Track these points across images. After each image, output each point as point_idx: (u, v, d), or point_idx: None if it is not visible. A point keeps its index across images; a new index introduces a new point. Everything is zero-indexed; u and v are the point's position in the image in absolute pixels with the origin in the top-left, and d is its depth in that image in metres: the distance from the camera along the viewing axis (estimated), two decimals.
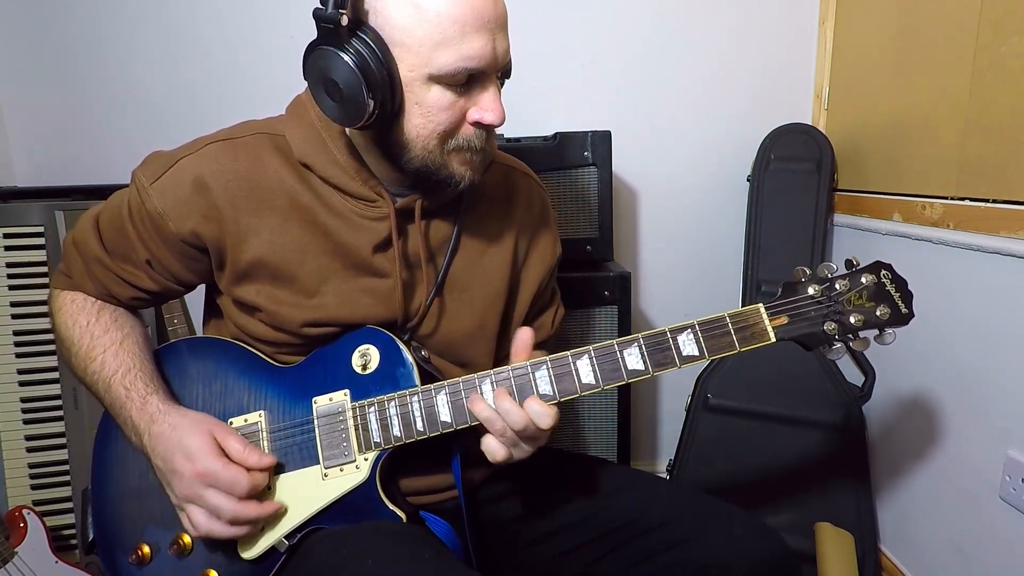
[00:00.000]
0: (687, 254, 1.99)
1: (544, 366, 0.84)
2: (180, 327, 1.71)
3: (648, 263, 2.00)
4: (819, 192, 1.74)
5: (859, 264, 0.84)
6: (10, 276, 1.64)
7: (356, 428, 0.88)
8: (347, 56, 0.75)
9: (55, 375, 1.67)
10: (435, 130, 0.81)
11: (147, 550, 0.91)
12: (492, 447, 0.83)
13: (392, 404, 0.87)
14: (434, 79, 0.78)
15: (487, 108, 0.81)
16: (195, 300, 1.06)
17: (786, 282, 0.85)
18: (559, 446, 1.67)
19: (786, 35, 1.86)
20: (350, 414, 0.89)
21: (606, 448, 1.68)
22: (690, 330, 0.82)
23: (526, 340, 0.88)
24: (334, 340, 0.93)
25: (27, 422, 1.67)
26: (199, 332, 1.08)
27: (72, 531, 1.69)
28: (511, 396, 0.83)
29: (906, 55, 1.52)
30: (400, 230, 0.91)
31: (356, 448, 0.88)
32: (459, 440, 0.93)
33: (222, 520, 0.82)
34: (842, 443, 1.64)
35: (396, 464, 0.92)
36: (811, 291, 0.83)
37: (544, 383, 0.84)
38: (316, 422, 0.90)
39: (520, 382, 0.84)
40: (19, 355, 1.66)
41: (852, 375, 1.70)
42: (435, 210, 0.94)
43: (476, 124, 0.82)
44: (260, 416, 0.91)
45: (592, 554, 0.95)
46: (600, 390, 0.84)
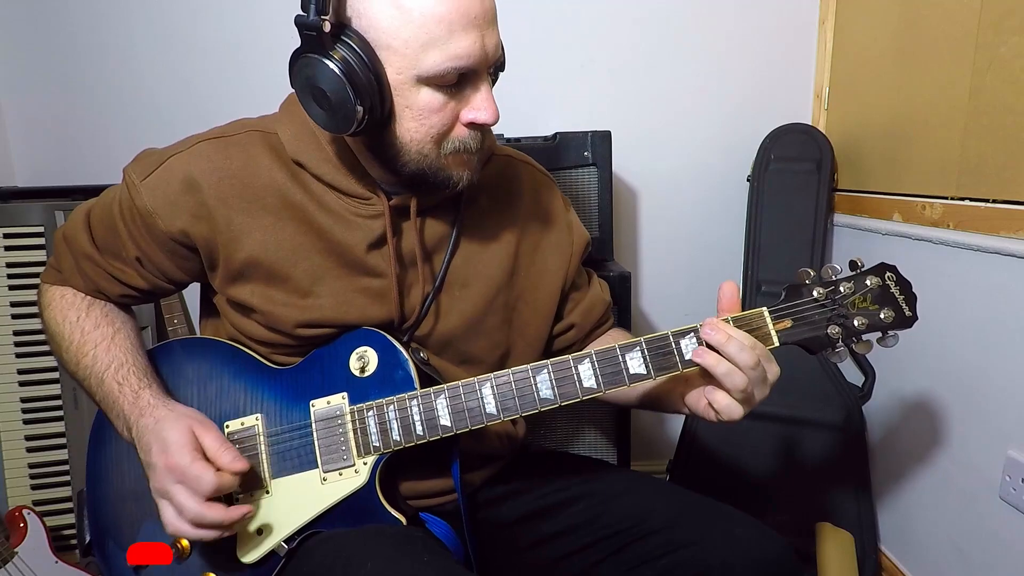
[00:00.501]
0: (687, 254, 1.99)
1: (545, 370, 0.83)
2: (180, 327, 1.71)
3: (648, 263, 2.00)
4: (819, 192, 1.74)
5: (863, 265, 0.83)
6: (10, 276, 1.64)
7: (355, 432, 0.88)
8: (332, 63, 0.74)
9: (55, 375, 1.67)
10: (428, 133, 0.79)
11: None
12: (724, 404, 0.80)
13: (391, 408, 0.86)
14: (423, 81, 0.76)
15: (480, 107, 0.80)
16: (195, 299, 1.06)
17: (790, 284, 0.84)
18: (558, 447, 1.68)
19: (786, 35, 1.86)
20: (348, 418, 0.88)
21: (606, 448, 1.67)
22: (692, 334, 0.82)
23: (731, 295, 0.83)
24: (331, 341, 0.92)
25: (27, 422, 1.67)
26: (198, 332, 1.08)
27: (72, 531, 1.69)
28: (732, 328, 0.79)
29: (906, 55, 1.52)
30: (395, 228, 0.90)
31: (355, 452, 0.87)
32: (459, 443, 0.92)
33: (185, 520, 0.78)
34: (842, 443, 1.64)
35: (395, 467, 0.91)
36: (815, 294, 0.82)
37: (545, 387, 0.83)
38: (314, 426, 0.89)
39: (521, 385, 0.83)
40: (19, 355, 1.66)
41: (852, 375, 1.70)
42: (432, 207, 0.93)
43: (470, 125, 0.81)
44: (257, 419, 0.91)
45: (593, 557, 0.94)
46: (602, 394, 0.83)
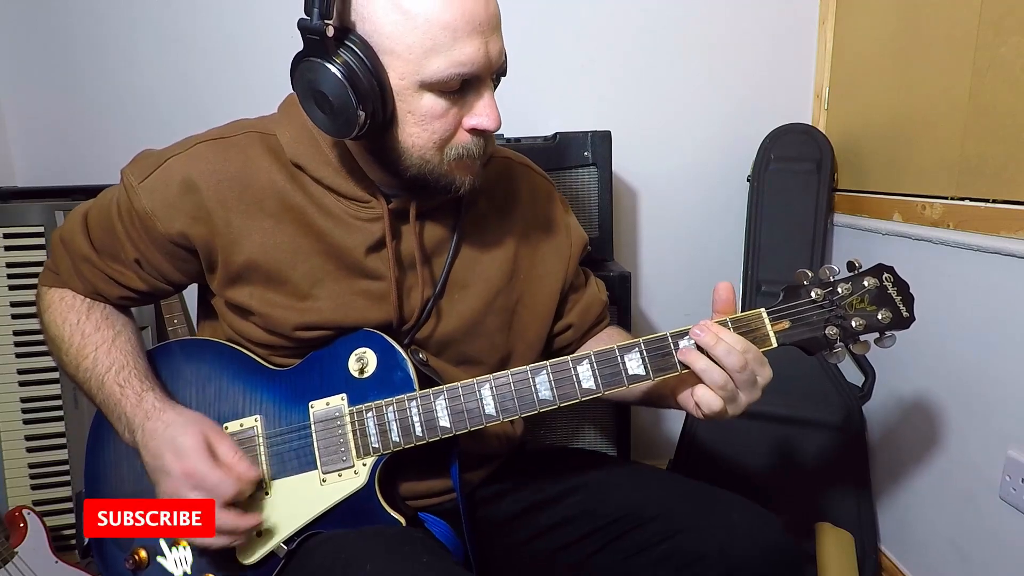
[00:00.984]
0: (687, 254, 1.99)
1: (544, 371, 0.83)
2: (180, 327, 1.70)
3: (648, 263, 2.00)
4: (819, 192, 1.74)
5: (861, 266, 0.84)
6: (10, 276, 1.64)
7: (354, 433, 0.88)
8: (334, 67, 0.73)
9: (55, 375, 1.67)
10: (431, 139, 0.79)
11: (144, 554, 0.90)
12: (707, 399, 0.81)
13: (390, 409, 0.86)
14: (426, 86, 0.76)
15: (482, 114, 0.79)
16: (195, 300, 1.06)
17: (788, 285, 0.84)
18: (556, 443, 1.68)
19: (786, 35, 1.85)
20: (348, 419, 0.88)
21: (606, 447, 1.67)
22: (690, 335, 0.82)
23: (726, 297, 0.84)
24: (330, 343, 0.92)
25: (27, 422, 1.67)
26: (197, 333, 1.07)
27: (72, 531, 1.68)
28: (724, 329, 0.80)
29: (906, 55, 1.52)
30: (394, 231, 0.90)
31: (354, 453, 0.87)
32: (458, 443, 0.92)
33: None
34: (842, 443, 1.64)
35: (394, 467, 0.91)
36: (813, 295, 0.82)
37: (544, 388, 0.83)
38: (313, 427, 0.89)
39: (520, 387, 0.83)
40: (19, 355, 1.66)
41: (852, 375, 1.70)
42: (431, 210, 0.93)
43: (472, 131, 0.80)
44: (256, 421, 0.91)
45: (591, 547, 0.95)
46: (601, 395, 0.83)
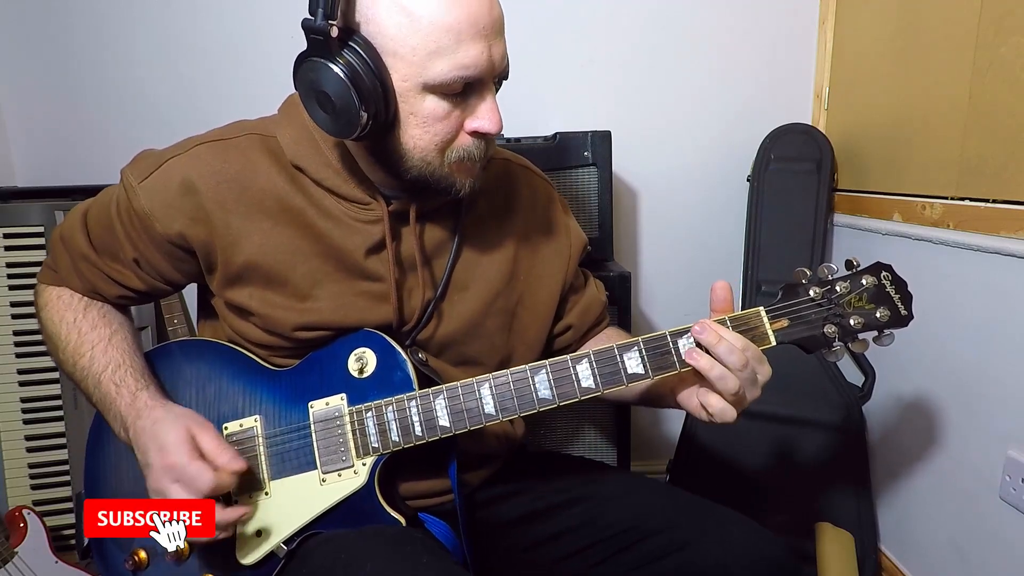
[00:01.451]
0: (687, 254, 1.99)
1: (543, 370, 0.83)
2: (180, 327, 1.70)
3: (648, 263, 2.00)
4: (819, 192, 1.74)
5: (859, 265, 0.84)
6: (10, 276, 1.64)
7: (354, 433, 0.88)
8: (338, 67, 0.73)
9: (55, 375, 1.67)
10: (432, 141, 0.79)
11: (143, 555, 0.90)
12: (716, 406, 0.81)
13: (390, 409, 0.86)
14: (429, 88, 0.76)
15: (484, 117, 0.79)
16: (195, 300, 1.06)
17: (786, 284, 0.84)
18: (558, 447, 1.68)
19: (786, 35, 1.86)
20: (347, 419, 0.88)
21: (606, 448, 1.67)
22: (690, 334, 0.82)
23: (723, 296, 0.84)
24: (330, 343, 0.92)
25: (27, 422, 1.67)
26: (196, 333, 1.07)
27: (72, 531, 1.68)
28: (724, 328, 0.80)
29: (906, 55, 1.52)
30: (394, 233, 0.90)
31: (354, 453, 0.87)
32: (457, 443, 0.92)
33: None
34: (842, 443, 1.64)
35: (394, 467, 0.91)
36: (811, 293, 0.82)
37: (544, 387, 0.83)
38: (313, 427, 0.89)
39: (519, 386, 0.83)
40: (19, 355, 1.66)
41: (852, 375, 1.70)
42: (431, 212, 0.93)
43: (474, 133, 0.80)
44: (256, 421, 0.91)
45: (592, 559, 0.95)
46: (600, 394, 0.83)
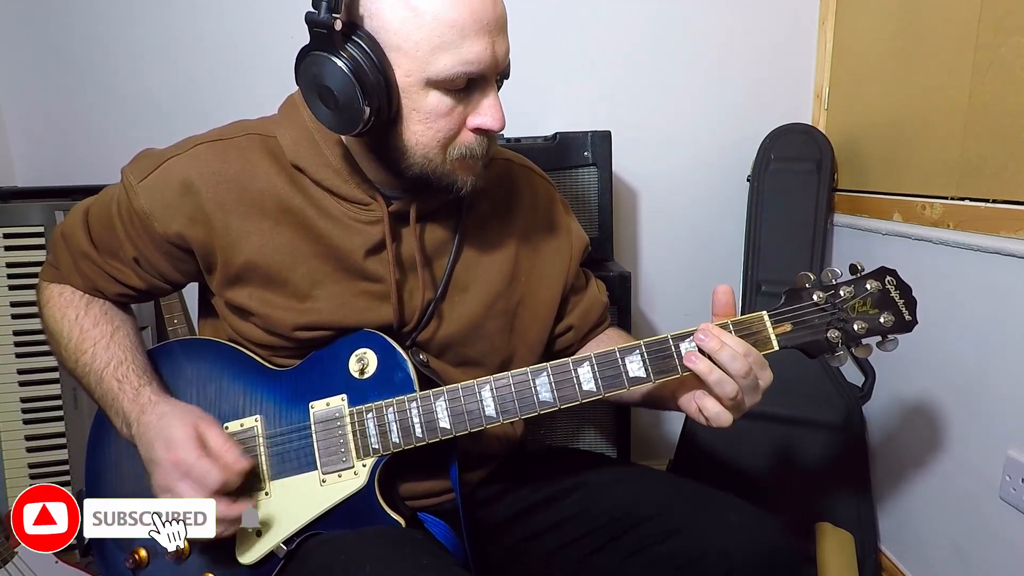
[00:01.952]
0: (687, 254, 1.99)
1: (545, 373, 0.83)
2: (180, 327, 1.70)
3: (648, 263, 2.00)
4: (819, 192, 1.74)
5: (864, 269, 0.83)
6: (10, 276, 1.64)
7: (354, 434, 0.88)
8: (341, 62, 0.73)
9: (55, 375, 1.67)
10: (435, 137, 0.79)
11: (144, 554, 0.90)
12: (714, 411, 0.81)
13: (390, 410, 0.86)
14: (432, 84, 0.76)
15: (487, 113, 0.79)
16: (195, 299, 1.06)
17: (790, 288, 0.84)
18: (556, 443, 1.68)
19: (786, 35, 1.85)
20: (348, 420, 0.88)
21: (606, 448, 1.67)
22: (692, 338, 0.81)
23: (725, 300, 0.84)
24: (331, 343, 0.92)
25: (27, 422, 1.67)
26: (197, 333, 1.08)
27: None
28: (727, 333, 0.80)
29: (906, 55, 1.52)
30: (394, 233, 0.90)
31: (354, 454, 0.87)
32: (457, 444, 0.92)
33: None
34: (842, 443, 1.64)
35: (394, 468, 0.91)
36: (815, 298, 0.82)
37: (545, 390, 0.83)
38: (313, 427, 0.89)
39: (520, 388, 0.83)
40: (19, 355, 1.66)
41: (852, 375, 1.70)
42: (431, 213, 0.93)
43: (476, 130, 0.80)
44: (256, 421, 0.91)
45: (589, 546, 0.94)
46: (601, 397, 0.83)
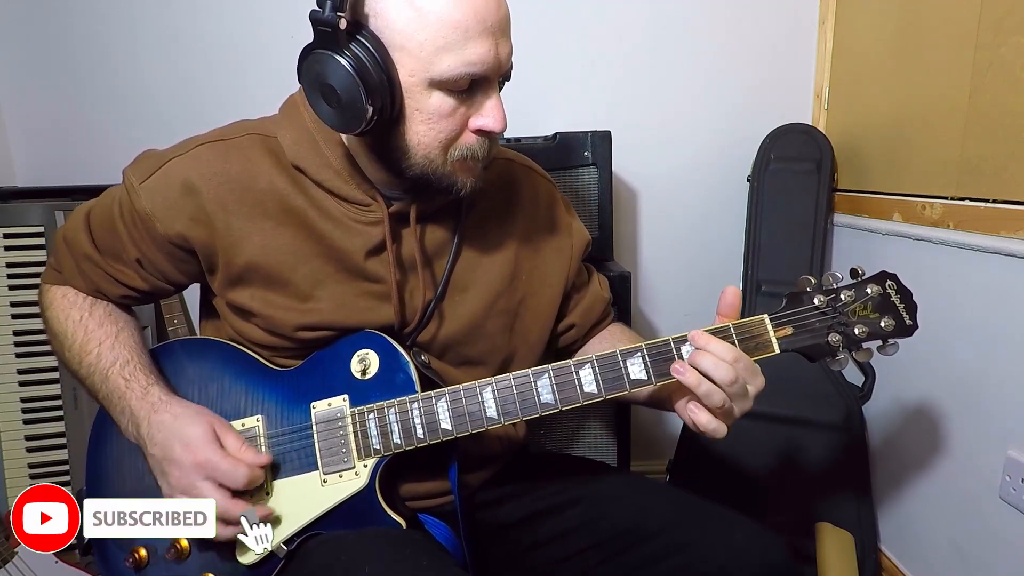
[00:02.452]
0: (687, 254, 1.99)
1: (546, 374, 0.83)
2: (180, 327, 1.70)
3: (648, 263, 2.00)
4: (819, 192, 1.74)
5: (864, 273, 0.83)
6: (10, 276, 1.64)
7: (355, 435, 0.88)
8: (345, 60, 0.73)
9: (55, 375, 1.67)
10: (437, 138, 0.79)
11: (144, 553, 0.90)
12: (702, 420, 0.81)
13: (392, 411, 0.86)
14: (435, 85, 0.76)
15: (489, 115, 0.80)
16: (195, 300, 1.06)
17: (791, 292, 0.84)
18: (559, 447, 1.68)
19: (786, 35, 1.85)
20: (349, 420, 0.88)
21: (606, 447, 1.67)
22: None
23: (732, 301, 0.84)
24: (333, 344, 0.92)
25: (27, 422, 1.67)
26: (198, 333, 1.08)
27: None
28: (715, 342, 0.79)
29: (906, 55, 1.52)
30: (394, 234, 0.90)
31: (355, 454, 0.87)
32: (458, 445, 0.92)
33: None
34: (842, 443, 1.64)
35: (395, 468, 0.91)
36: (816, 301, 0.82)
37: (546, 392, 0.83)
38: (315, 428, 0.89)
39: (522, 389, 0.84)
40: (19, 355, 1.66)
41: (852, 375, 1.70)
42: (432, 213, 0.93)
43: (478, 132, 0.81)
44: (258, 420, 0.91)
45: (592, 559, 0.94)
46: (602, 399, 0.83)
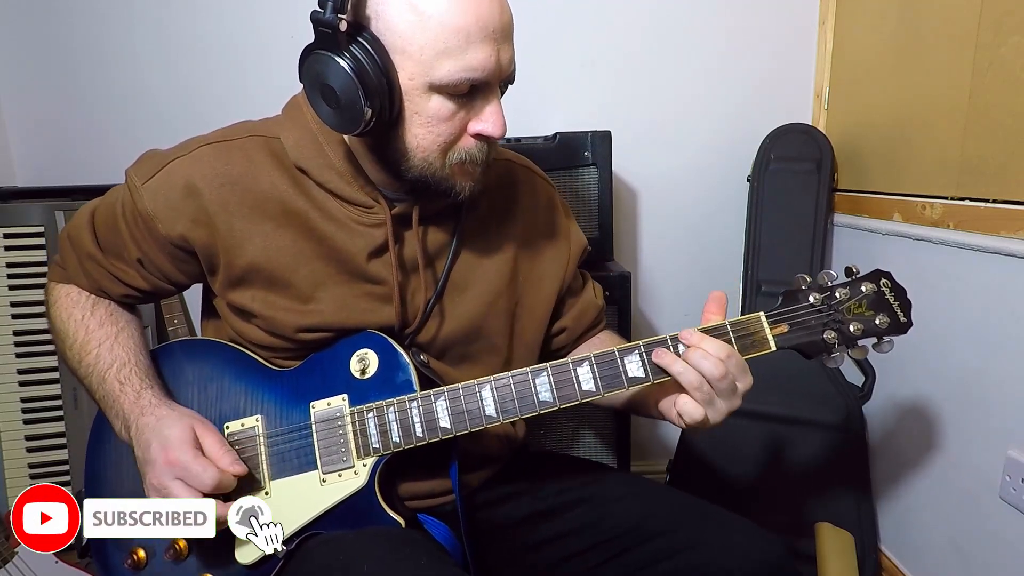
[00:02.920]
0: (687, 254, 1.99)
1: (544, 373, 0.83)
2: (180, 327, 1.70)
3: (648, 263, 2.00)
4: (819, 192, 1.74)
5: (859, 272, 0.84)
6: (10, 276, 1.64)
7: (355, 434, 0.88)
8: (344, 62, 0.73)
9: (55, 375, 1.67)
10: (436, 141, 0.79)
11: (142, 554, 0.90)
12: (688, 408, 0.81)
13: (391, 410, 0.86)
14: (435, 88, 0.76)
15: (488, 120, 0.80)
16: (195, 301, 1.06)
17: (786, 290, 0.85)
18: (558, 448, 1.68)
19: (786, 35, 1.85)
20: (348, 419, 0.88)
21: (606, 448, 1.67)
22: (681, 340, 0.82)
23: (719, 302, 0.86)
24: (332, 344, 0.92)
25: (27, 422, 1.67)
26: (199, 333, 1.08)
27: None
28: (709, 339, 0.80)
29: (906, 55, 1.52)
30: (396, 236, 0.90)
31: (355, 454, 0.88)
32: (458, 444, 0.92)
33: None
34: (842, 443, 1.64)
35: (394, 468, 0.91)
36: (811, 299, 0.83)
37: (544, 390, 0.83)
38: (314, 427, 0.89)
39: (520, 388, 0.84)
40: (19, 355, 1.66)
41: (852, 375, 1.70)
42: (433, 214, 0.93)
43: (477, 136, 0.81)
44: (257, 420, 0.91)
45: (592, 560, 0.95)
46: (601, 397, 0.83)
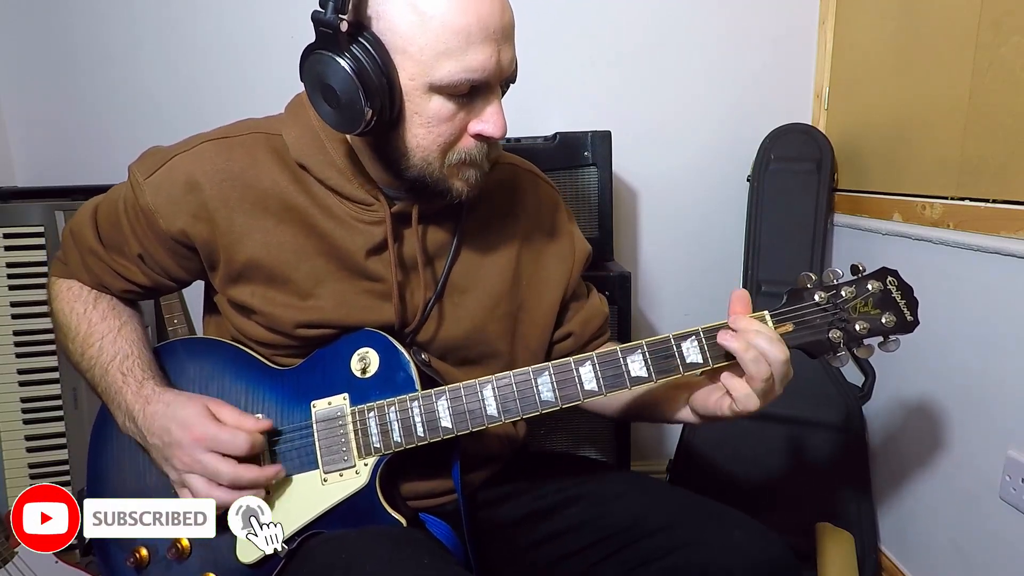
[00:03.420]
0: (687, 254, 1.99)
1: (547, 372, 0.83)
2: (180, 326, 1.70)
3: (648, 263, 2.00)
4: (819, 192, 1.74)
5: (865, 270, 0.83)
6: (10, 276, 1.64)
7: (356, 433, 0.88)
8: (345, 62, 0.73)
9: (55, 375, 1.67)
10: (435, 142, 0.79)
11: (144, 553, 0.90)
12: (743, 394, 0.79)
13: (392, 409, 0.86)
14: (435, 89, 0.76)
15: (488, 120, 0.80)
16: (195, 299, 1.06)
17: (791, 288, 0.84)
18: (559, 447, 1.68)
19: (786, 35, 1.85)
20: (350, 419, 0.88)
21: (606, 448, 1.67)
22: (694, 337, 0.82)
23: (744, 300, 0.83)
24: (333, 342, 0.92)
25: (27, 422, 1.67)
26: (199, 331, 1.08)
27: None
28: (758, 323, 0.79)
29: (906, 55, 1.52)
30: (396, 234, 0.90)
31: (356, 453, 0.88)
32: (459, 444, 0.92)
33: (222, 485, 0.82)
34: (842, 443, 1.64)
35: (396, 467, 0.91)
36: (817, 298, 0.82)
37: (546, 390, 0.83)
38: (315, 426, 0.89)
39: (522, 387, 0.84)
40: (19, 355, 1.66)
41: (852, 375, 1.70)
42: (434, 214, 0.93)
43: (477, 136, 0.81)
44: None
45: (592, 558, 0.94)
46: (603, 397, 0.83)
